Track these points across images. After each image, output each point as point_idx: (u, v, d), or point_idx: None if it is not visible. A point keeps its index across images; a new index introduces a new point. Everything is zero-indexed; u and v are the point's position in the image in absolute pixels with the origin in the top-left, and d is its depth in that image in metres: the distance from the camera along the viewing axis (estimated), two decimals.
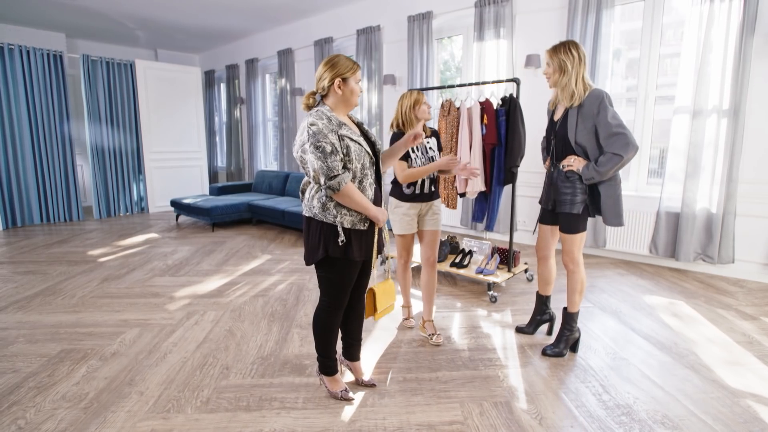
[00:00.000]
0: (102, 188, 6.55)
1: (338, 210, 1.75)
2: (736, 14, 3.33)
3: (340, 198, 1.71)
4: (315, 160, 1.65)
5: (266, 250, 4.70)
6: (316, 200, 1.76)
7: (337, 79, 1.74)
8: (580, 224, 2.20)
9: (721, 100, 3.46)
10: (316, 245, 1.78)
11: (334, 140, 1.67)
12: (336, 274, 1.83)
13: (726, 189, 3.51)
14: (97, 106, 6.41)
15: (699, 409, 1.91)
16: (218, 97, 9.08)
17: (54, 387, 2.10)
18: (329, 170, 1.65)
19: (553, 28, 4.36)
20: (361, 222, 1.79)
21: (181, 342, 2.57)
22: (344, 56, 1.78)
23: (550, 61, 2.17)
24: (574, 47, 2.11)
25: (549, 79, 2.22)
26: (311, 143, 1.65)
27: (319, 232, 1.77)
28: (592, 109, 2.08)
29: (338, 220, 1.75)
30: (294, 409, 1.92)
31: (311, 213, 1.79)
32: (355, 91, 1.78)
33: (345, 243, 1.76)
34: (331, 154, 1.65)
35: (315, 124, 1.67)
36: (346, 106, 1.81)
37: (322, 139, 1.65)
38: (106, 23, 6.66)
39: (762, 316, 2.88)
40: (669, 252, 3.85)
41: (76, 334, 2.69)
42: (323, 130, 1.66)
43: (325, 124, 1.67)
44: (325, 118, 1.70)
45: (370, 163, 1.81)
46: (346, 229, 1.77)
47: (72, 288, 3.51)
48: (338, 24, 6.26)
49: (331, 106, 1.79)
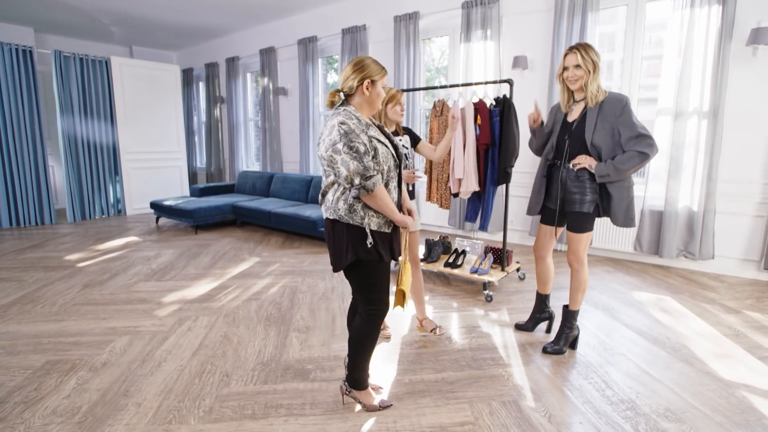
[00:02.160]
0: (76, 190, 6.27)
1: (366, 212, 1.71)
2: (715, 20, 3.47)
3: (371, 199, 1.67)
4: (350, 161, 1.61)
5: (254, 253, 4.60)
6: (342, 202, 1.71)
7: (366, 81, 1.72)
8: (588, 224, 2.23)
9: (702, 102, 3.60)
10: (344, 249, 1.74)
11: (365, 140, 1.64)
12: (372, 277, 1.80)
13: (706, 188, 3.65)
14: (71, 104, 6.14)
15: (698, 401, 1.97)
16: (197, 95, 8.85)
17: (42, 401, 1.99)
18: (366, 170, 1.61)
19: (539, 31, 4.43)
20: (386, 224, 1.77)
21: (175, 349, 2.48)
22: (373, 59, 1.77)
23: (581, 62, 2.11)
24: (595, 49, 2.15)
25: (576, 82, 2.16)
26: (344, 143, 1.61)
27: (346, 235, 1.73)
28: (615, 110, 2.11)
29: (366, 221, 1.71)
30: (302, 416, 1.87)
31: (336, 215, 1.73)
32: (381, 94, 1.78)
33: (373, 245, 1.73)
34: (365, 153, 1.62)
35: (345, 123, 1.63)
36: (370, 108, 1.79)
37: (354, 138, 1.62)
38: (78, 17, 6.37)
39: (744, 310, 3.00)
40: (653, 249, 3.97)
41: (61, 343, 2.55)
42: (355, 129, 1.63)
43: (355, 124, 1.65)
44: (355, 118, 1.67)
45: (394, 165, 1.78)
46: (372, 231, 1.73)
47: (51, 295, 3.34)
48: (323, 23, 6.20)
49: (356, 106, 1.76)
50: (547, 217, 2.44)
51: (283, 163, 7.21)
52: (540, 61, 4.47)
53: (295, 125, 6.83)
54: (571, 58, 2.15)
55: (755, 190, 3.54)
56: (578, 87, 2.17)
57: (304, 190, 5.87)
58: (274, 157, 7.18)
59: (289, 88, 6.90)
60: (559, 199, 2.34)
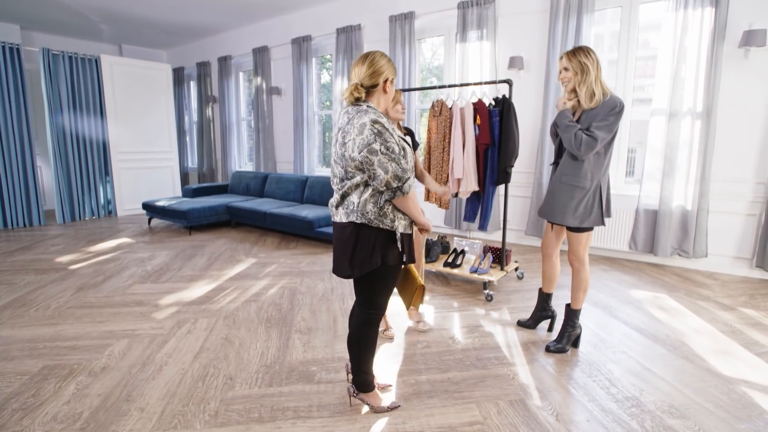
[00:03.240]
0: (65, 191, 6.15)
1: (395, 214, 1.66)
2: (708, 22, 3.52)
3: (404, 202, 1.62)
4: (388, 162, 1.54)
5: (250, 254, 4.56)
6: (372, 204, 1.62)
7: (387, 79, 1.69)
8: None
9: (695, 103, 3.65)
10: (369, 254, 1.65)
11: (397, 140, 1.60)
12: (388, 282, 1.76)
13: (700, 187, 3.71)
14: (59, 103, 6.01)
15: (700, 397, 2.00)
16: (188, 95, 8.74)
17: (42, 407, 1.94)
18: (404, 172, 1.56)
19: (535, 31, 4.46)
20: (410, 226, 1.75)
21: (176, 353, 2.44)
22: (388, 58, 1.71)
23: (568, 65, 2.18)
24: (591, 51, 2.16)
25: (566, 84, 2.23)
26: (380, 143, 1.53)
27: (374, 239, 1.65)
28: (602, 112, 2.13)
29: (395, 224, 1.67)
30: (309, 418, 1.86)
31: (365, 219, 1.63)
32: (392, 96, 1.76)
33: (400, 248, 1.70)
34: (400, 155, 1.58)
35: (378, 122, 1.56)
36: (388, 107, 1.78)
37: (389, 138, 1.55)
38: (65, 15, 6.24)
39: (739, 307, 3.06)
40: (648, 248, 4.03)
41: (58, 348, 2.50)
42: (388, 129, 1.57)
43: (387, 123, 1.59)
44: (383, 117, 1.61)
45: (412, 167, 1.76)
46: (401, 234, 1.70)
47: (44, 298, 3.27)
48: (317, 22, 6.16)
49: (375, 104, 1.71)
50: None
51: (276, 163, 7.16)
52: (536, 62, 4.50)
53: (289, 125, 6.79)
54: (562, 61, 2.23)
55: (747, 189, 3.61)
56: (570, 88, 2.22)
57: (300, 190, 5.84)
58: (268, 157, 7.12)
59: (282, 88, 6.85)
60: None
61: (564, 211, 2.23)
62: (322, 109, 6.88)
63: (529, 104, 4.54)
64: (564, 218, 2.24)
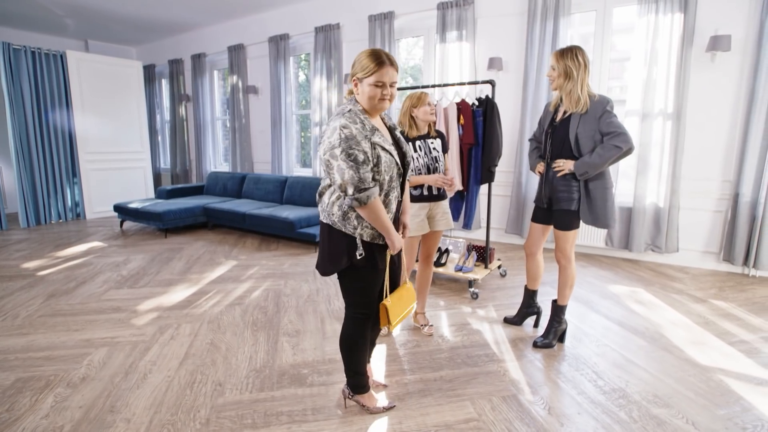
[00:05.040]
0: (29, 193, 5.84)
1: (359, 222, 1.63)
2: (678, 27, 3.68)
3: (365, 212, 1.58)
4: (346, 169, 1.51)
5: (230, 256, 4.46)
6: (337, 207, 1.63)
7: (354, 78, 1.63)
8: (574, 221, 2.31)
9: (666, 104, 3.81)
10: (339, 254, 1.67)
11: (366, 148, 1.54)
12: (364, 282, 1.74)
13: (671, 185, 3.87)
14: (22, 101, 5.70)
15: (681, 386, 2.09)
16: (159, 93, 8.46)
17: (18, 423, 1.84)
18: (360, 182, 1.52)
19: (513, 33, 4.55)
20: (380, 237, 1.68)
21: (160, 360, 2.36)
22: (370, 53, 1.58)
23: (555, 65, 2.22)
24: (580, 53, 2.18)
25: (553, 82, 2.28)
26: (342, 149, 1.51)
27: (341, 240, 1.66)
28: (596, 113, 2.18)
29: (358, 232, 1.64)
30: (304, 422, 1.83)
31: (329, 220, 1.67)
32: (369, 93, 1.59)
33: (365, 255, 1.66)
34: (363, 163, 1.53)
35: (348, 127, 1.53)
36: (369, 108, 1.63)
37: (354, 146, 1.52)
38: (27, 8, 5.92)
39: (710, 299, 3.21)
40: (623, 244, 4.17)
41: (31, 359, 2.37)
42: (356, 135, 1.53)
43: (358, 129, 1.54)
44: (359, 122, 1.56)
45: (397, 174, 1.68)
46: (365, 242, 1.66)
47: (12, 307, 3.10)
48: (295, 20, 6.08)
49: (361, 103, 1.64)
50: (537, 216, 2.51)
51: (254, 164, 7.03)
52: (514, 63, 4.59)
53: (266, 125, 6.67)
54: (550, 60, 2.29)
55: (714, 187, 3.79)
56: (554, 87, 2.27)
57: (279, 191, 5.75)
58: (244, 158, 6.98)
59: (259, 87, 6.73)
60: (547, 197, 2.41)
61: (605, 214, 2.26)
62: (300, 109, 6.80)
63: (508, 105, 4.63)
64: (606, 222, 2.26)
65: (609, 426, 1.80)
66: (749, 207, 3.57)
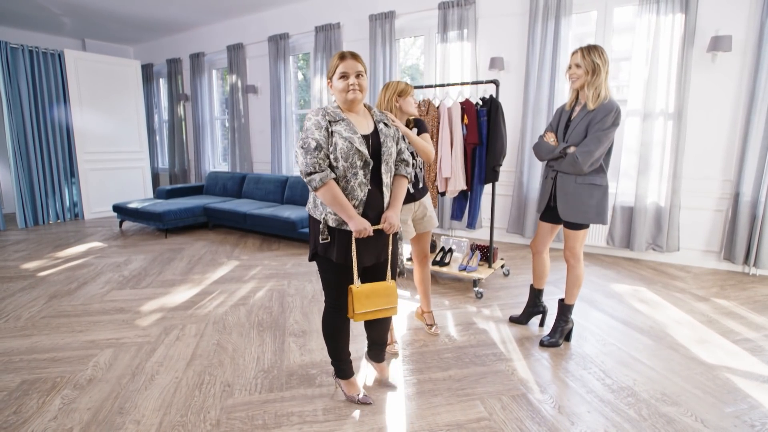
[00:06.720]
0: (27, 193, 5.79)
1: (324, 207, 1.75)
2: (678, 27, 3.70)
3: (320, 195, 1.69)
4: (300, 156, 1.68)
5: (232, 256, 4.44)
6: (311, 195, 1.81)
7: (329, 81, 1.80)
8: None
9: (667, 104, 3.83)
10: (314, 239, 1.81)
11: (318, 136, 1.66)
12: (323, 273, 1.85)
13: (672, 184, 3.90)
14: (19, 101, 5.65)
15: (689, 384, 2.10)
16: (157, 93, 8.41)
17: (26, 425, 1.83)
18: (306, 166, 1.66)
19: (515, 33, 4.56)
20: (345, 223, 1.72)
21: (166, 361, 2.34)
22: (334, 55, 1.78)
23: (581, 62, 2.19)
24: (603, 51, 2.19)
25: (576, 81, 2.25)
26: (300, 138, 1.70)
27: (315, 225, 1.80)
28: (597, 115, 2.19)
29: (323, 216, 1.75)
30: (315, 422, 1.83)
31: (308, 208, 1.84)
32: (339, 87, 1.74)
33: (329, 242, 1.76)
34: (315, 150, 1.65)
35: (310, 119, 1.71)
36: (342, 102, 1.78)
37: (309, 135, 1.67)
38: (24, 6, 5.87)
39: (712, 297, 3.23)
40: (624, 243, 4.20)
41: (36, 361, 2.35)
42: (311, 126, 1.68)
43: (317, 120, 1.69)
44: (321, 114, 1.71)
45: (362, 162, 1.70)
46: (331, 228, 1.75)
47: (14, 308, 3.07)
48: (295, 19, 6.07)
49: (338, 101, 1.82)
50: (546, 215, 2.51)
51: (253, 163, 7.00)
52: (516, 63, 4.60)
53: (266, 124, 6.65)
54: (574, 57, 2.24)
55: (715, 186, 3.82)
56: (578, 86, 2.25)
57: (280, 190, 5.73)
58: (244, 158, 6.95)
59: (259, 86, 6.71)
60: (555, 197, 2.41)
61: (586, 210, 2.27)
62: (300, 109, 6.78)
63: (510, 105, 4.63)
64: (587, 217, 2.28)
65: (619, 424, 1.81)
66: (750, 206, 3.60)
